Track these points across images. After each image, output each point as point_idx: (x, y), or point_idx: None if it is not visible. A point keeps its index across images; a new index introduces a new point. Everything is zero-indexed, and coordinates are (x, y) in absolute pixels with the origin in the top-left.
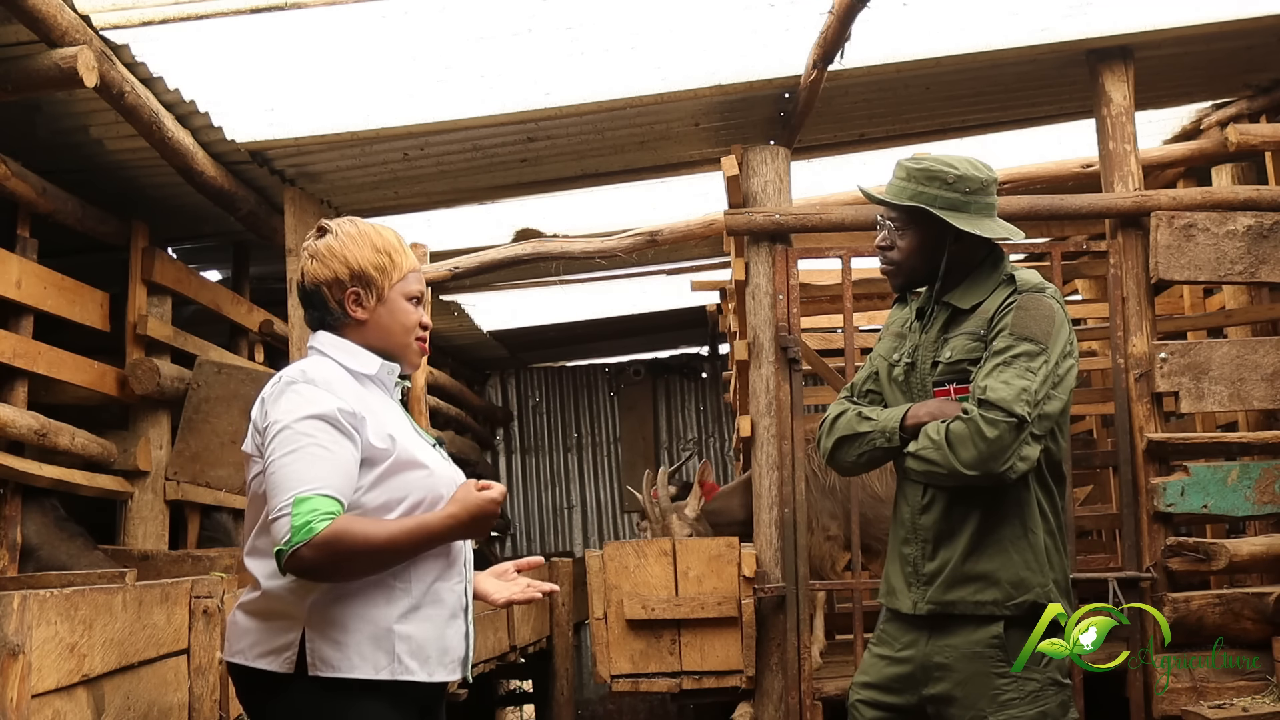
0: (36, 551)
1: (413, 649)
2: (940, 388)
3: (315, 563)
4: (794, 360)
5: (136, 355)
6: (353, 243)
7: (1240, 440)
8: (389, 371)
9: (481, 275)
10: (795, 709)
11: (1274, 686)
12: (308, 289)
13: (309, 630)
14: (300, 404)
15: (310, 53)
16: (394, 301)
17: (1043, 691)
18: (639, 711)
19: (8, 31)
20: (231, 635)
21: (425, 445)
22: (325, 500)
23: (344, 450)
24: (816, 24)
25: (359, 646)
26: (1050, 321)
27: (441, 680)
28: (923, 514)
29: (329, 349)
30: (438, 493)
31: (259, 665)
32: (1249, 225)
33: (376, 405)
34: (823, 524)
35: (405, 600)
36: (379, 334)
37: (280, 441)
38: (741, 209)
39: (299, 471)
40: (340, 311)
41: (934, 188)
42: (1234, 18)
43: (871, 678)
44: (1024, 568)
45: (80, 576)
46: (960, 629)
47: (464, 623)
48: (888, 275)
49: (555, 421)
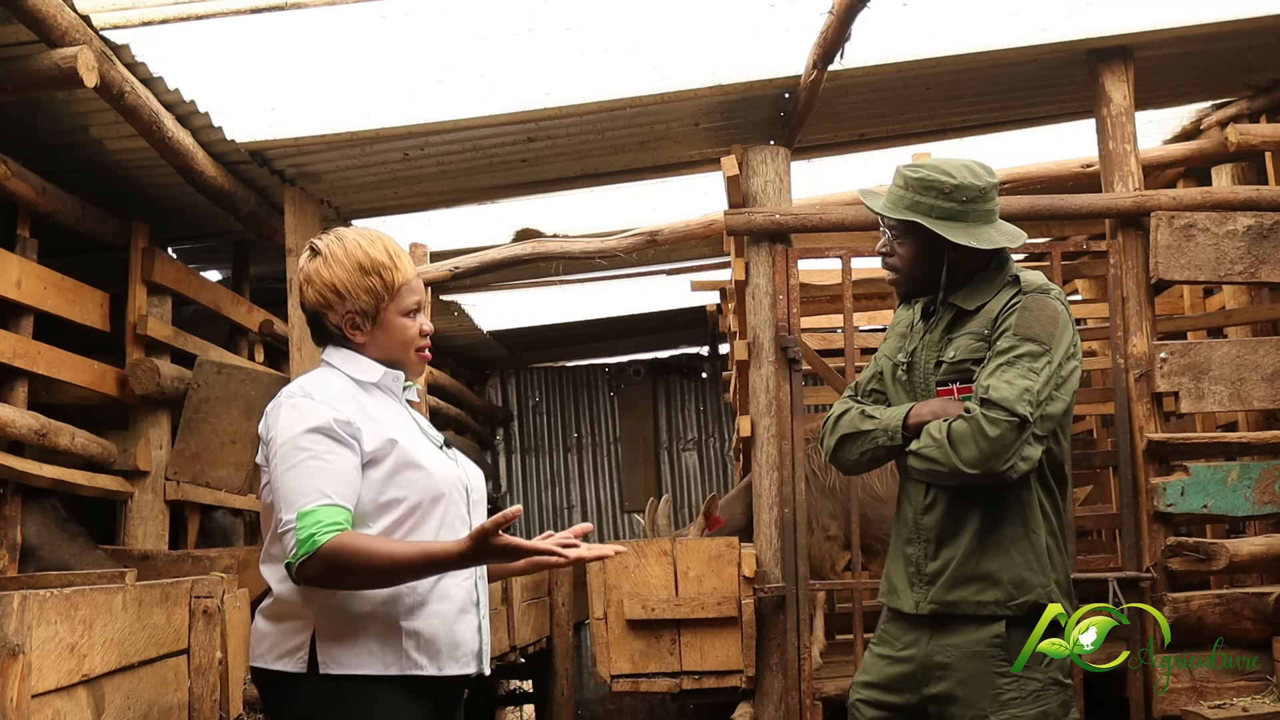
0: (37, 551)
1: (421, 645)
2: (944, 387)
3: (320, 574)
4: (794, 360)
5: (136, 355)
6: (339, 266)
7: (1240, 440)
8: (394, 379)
9: (481, 275)
10: (795, 709)
11: (1274, 686)
12: (307, 312)
13: (318, 630)
14: (298, 418)
15: (310, 53)
16: (389, 322)
17: (1044, 691)
18: (639, 711)
19: (8, 31)
20: (253, 641)
21: (429, 447)
22: (329, 510)
23: (342, 459)
24: (816, 24)
25: (367, 644)
26: (1054, 323)
27: (454, 674)
28: (925, 514)
29: (336, 361)
30: (437, 492)
31: (276, 667)
32: (1249, 225)
33: (379, 411)
34: (822, 524)
35: (412, 597)
36: (379, 351)
37: (282, 457)
38: (741, 209)
39: (299, 485)
40: (340, 336)
41: (930, 197)
42: (1234, 18)
43: (872, 677)
44: (1025, 568)
45: (80, 576)
46: (962, 628)
47: (475, 617)
48: (893, 283)
49: (555, 421)
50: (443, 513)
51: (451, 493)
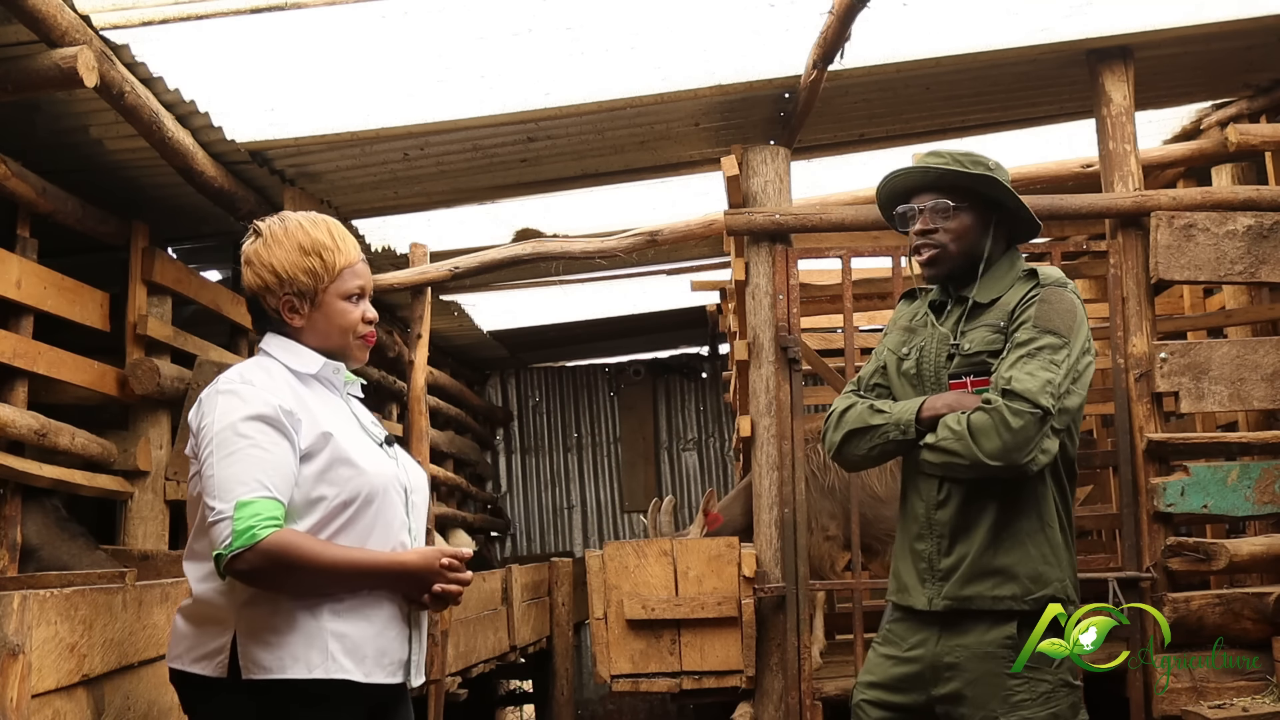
0: (37, 551)
1: (348, 648)
2: (957, 380)
3: (257, 569)
4: (794, 360)
5: (136, 355)
6: (279, 246)
7: (1240, 440)
8: (333, 370)
9: (481, 275)
10: (795, 709)
11: (1274, 686)
12: (248, 295)
13: (240, 633)
14: (237, 405)
15: (310, 53)
16: (329, 305)
17: (1054, 693)
18: (639, 711)
19: (8, 31)
20: (171, 640)
21: (368, 443)
22: (268, 504)
23: (283, 451)
24: (816, 24)
25: (291, 647)
26: (1073, 316)
27: (381, 682)
28: (939, 509)
29: (274, 349)
30: (371, 491)
31: (193, 670)
32: (1249, 225)
33: (316, 404)
34: (822, 524)
35: (341, 599)
36: (317, 337)
37: (219, 444)
38: (741, 209)
39: (239, 474)
40: (278, 318)
41: (982, 170)
42: (1234, 18)
43: (877, 677)
44: (1042, 562)
45: (80, 576)
46: (974, 627)
47: (406, 627)
48: (932, 264)
49: (555, 421)
50: (375, 513)
51: (387, 493)
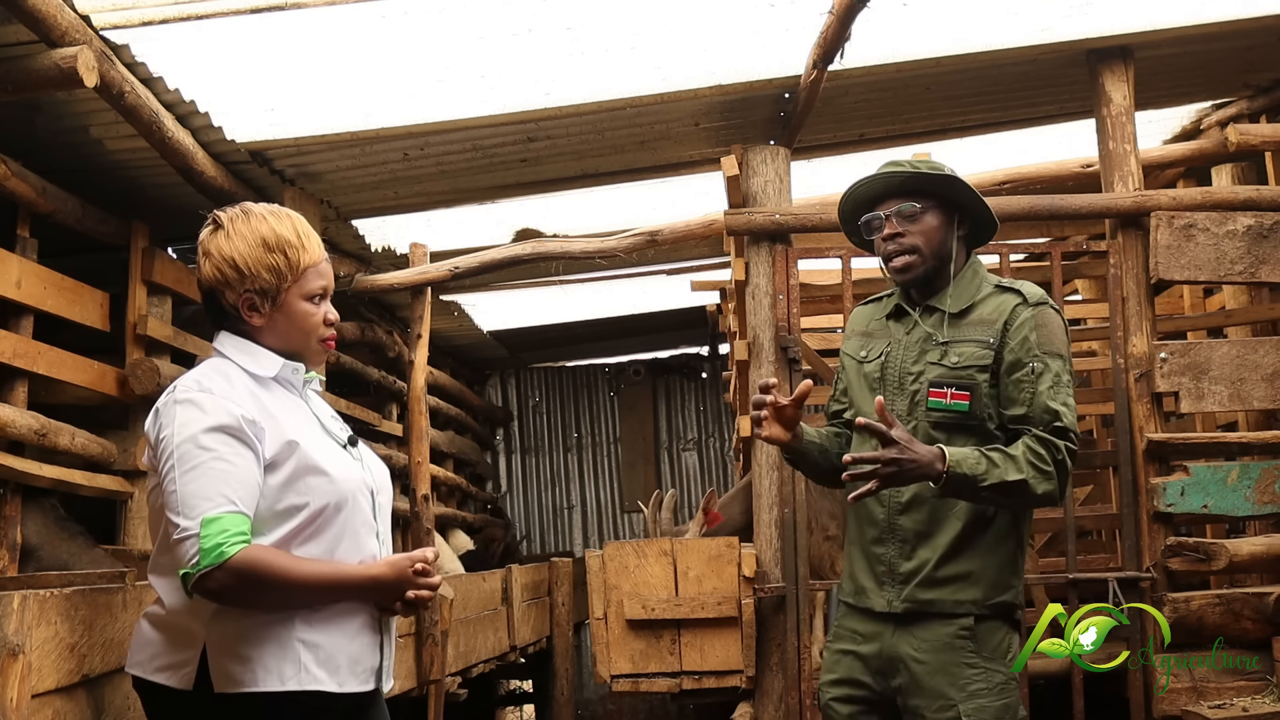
0: (37, 551)
1: (320, 658)
2: (937, 389)
3: (226, 587)
4: (794, 360)
5: (136, 355)
6: (242, 241)
7: (1240, 440)
8: (293, 370)
9: (481, 275)
10: (795, 709)
11: (1274, 686)
12: (203, 290)
13: (210, 646)
14: (198, 416)
15: (310, 53)
16: (291, 305)
17: (1007, 684)
18: (639, 711)
19: (8, 31)
20: (134, 645)
21: (333, 447)
22: (234, 519)
23: (247, 463)
24: (816, 24)
25: (263, 659)
26: (1063, 335)
27: (354, 690)
28: (902, 514)
29: (229, 350)
30: (340, 498)
31: (157, 679)
32: (1249, 225)
33: (277, 409)
34: (822, 524)
35: (313, 610)
36: (277, 338)
37: (180, 457)
38: (741, 209)
39: (202, 489)
40: (235, 315)
41: (941, 173)
42: (1234, 18)
43: (839, 674)
44: (1000, 569)
45: (80, 576)
46: (931, 623)
47: (378, 634)
48: (907, 269)
49: (555, 421)
50: (344, 520)
51: (355, 498)
